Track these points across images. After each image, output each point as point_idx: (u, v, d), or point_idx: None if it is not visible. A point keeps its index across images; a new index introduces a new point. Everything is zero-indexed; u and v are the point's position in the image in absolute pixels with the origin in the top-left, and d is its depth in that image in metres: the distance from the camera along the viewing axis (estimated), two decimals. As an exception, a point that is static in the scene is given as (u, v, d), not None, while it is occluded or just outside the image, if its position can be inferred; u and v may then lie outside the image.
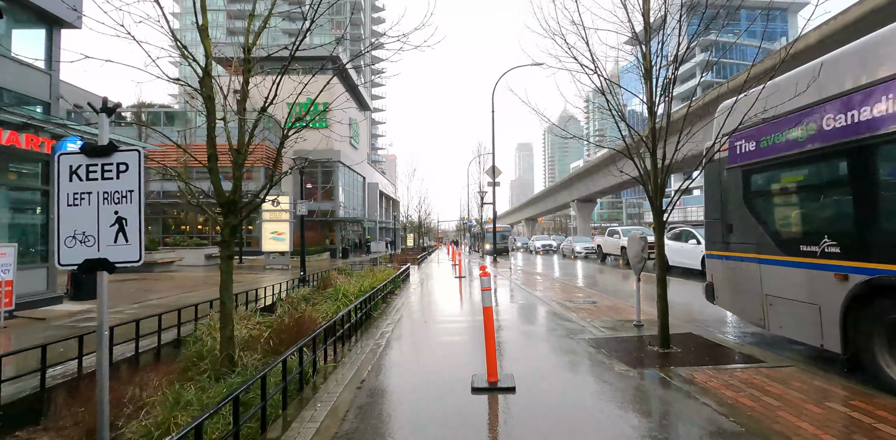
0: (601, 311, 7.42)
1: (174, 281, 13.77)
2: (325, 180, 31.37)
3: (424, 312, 8.19)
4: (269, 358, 5.22)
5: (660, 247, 5.10)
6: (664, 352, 4.85)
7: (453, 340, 5.86)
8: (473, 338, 5.88)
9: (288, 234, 18.75)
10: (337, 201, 30.77)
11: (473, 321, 7.00)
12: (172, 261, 17.21)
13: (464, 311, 8.01)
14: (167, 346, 6.10)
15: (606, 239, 20.57)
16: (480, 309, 7.84)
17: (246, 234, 28.07)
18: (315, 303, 9.25)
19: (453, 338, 5.95)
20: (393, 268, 14.94)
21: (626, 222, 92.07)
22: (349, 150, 35.35)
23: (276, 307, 9.12)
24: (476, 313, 7.62)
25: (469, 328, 6.53)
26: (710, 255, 6.20)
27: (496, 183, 22.64)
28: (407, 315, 7.66)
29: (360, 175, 38.36)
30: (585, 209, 53.02)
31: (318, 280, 12.79)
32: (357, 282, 10.78)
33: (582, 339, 5.52)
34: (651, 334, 5.64)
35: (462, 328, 6.57)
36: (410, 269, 16.56)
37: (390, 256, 21.49)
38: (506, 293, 10.28)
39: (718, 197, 5.92)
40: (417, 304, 8.97)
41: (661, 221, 5.05)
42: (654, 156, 5.05)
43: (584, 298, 8.90)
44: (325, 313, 7.74)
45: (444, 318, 7.38)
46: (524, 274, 15.46)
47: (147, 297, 10.24)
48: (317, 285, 12.09)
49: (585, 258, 24.59)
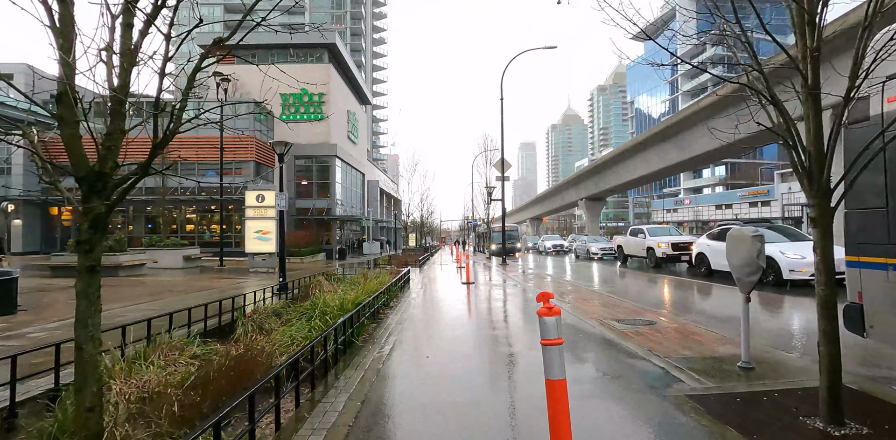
0: (670, 338, 5.39)
1: (136, 288, 11.80)
2: (322, 176, 29.41)
3: (426, 339, 6.16)
4: (179, 433, 3.22)
5: (826, 256, 3.02)
6: (840, 434, 2.82)
7: (472, 398, 3.82)
8: (501, 391, 3.88)
9: (274, 234, 16.76)
10: (333, 198, 28.79)
11: (496, 357, 4.99)
12: (142, 263, 15.24)
13: (481, 338, 5.98)
14: (31, 404, 4.01)
15: (629, 239, 18.52)
16: (505, 336, 5.81)
17: (234, 234, 26.13)
18: (287, 321, 7.25)
19: (472, 393, 3.92)
20: (389, 273, 12.94)
21: (632, 222, 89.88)
22: (347, 144, 33.38)
23: (236, 326, 7.13)
24: (500, 343, 5.61)
25: (492, 372, 4.52)
26: (858, 264, 4.14)
27: (505, 177, 20.61)
28: (402, 343, 5.64)
29: (358, 171, 36.38)
30: (594, 208, 50.95)
31: (301, 287, 10.80)
32: (345, 291, 8.79)
33: (676, 398, 3.48)
34: (785, 388, 3.60)
35: (482, 371, 4.56)
36: (410, 274, 14.57)
37: (389, 258, 19.49)
38: (530, 307, 8.25)
39: (881, 174, 3.87)
40: (417, 325, 6.95)
41: (829, 210, 3.00)
42: (811, 94, 2.99)
43: (632, 315, 6.87)
44: (290, 340, 5.74)
45: (455, 350, 5.35)
46: (541, 279, 13.44)
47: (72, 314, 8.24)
48: (296, 295, 10.09)
49: (601, 260, 22.55)
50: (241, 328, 6.98)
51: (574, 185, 52.30)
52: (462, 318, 7.37)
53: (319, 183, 29.33)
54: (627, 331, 5.76)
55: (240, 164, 25.44)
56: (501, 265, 20.11)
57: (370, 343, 5.64)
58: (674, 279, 12.52)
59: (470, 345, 5.57)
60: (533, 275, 14.83)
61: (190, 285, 12.32)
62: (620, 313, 7.06)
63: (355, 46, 74.64)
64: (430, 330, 6.59)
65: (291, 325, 6.52)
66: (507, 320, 7.24)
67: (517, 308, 8.32)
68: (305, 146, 28.93)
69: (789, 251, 9.88)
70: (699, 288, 10.59)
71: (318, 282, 11.38)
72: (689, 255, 15.61)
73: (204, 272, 16.53)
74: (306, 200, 28.84)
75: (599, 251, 22.99)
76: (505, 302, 9.22)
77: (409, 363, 4.82)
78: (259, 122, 26.51)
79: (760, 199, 52.91)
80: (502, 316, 7.66)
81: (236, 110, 25.97)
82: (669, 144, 30.84)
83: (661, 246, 15.75)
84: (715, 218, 59.31)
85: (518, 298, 9.52)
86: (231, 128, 9.61)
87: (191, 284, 12.53)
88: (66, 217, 26.78)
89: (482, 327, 6.55)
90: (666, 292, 10.22)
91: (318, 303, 7.13)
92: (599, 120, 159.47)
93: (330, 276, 12.45)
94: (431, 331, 6.54)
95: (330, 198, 28.83)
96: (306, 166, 29.48)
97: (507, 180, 20.75)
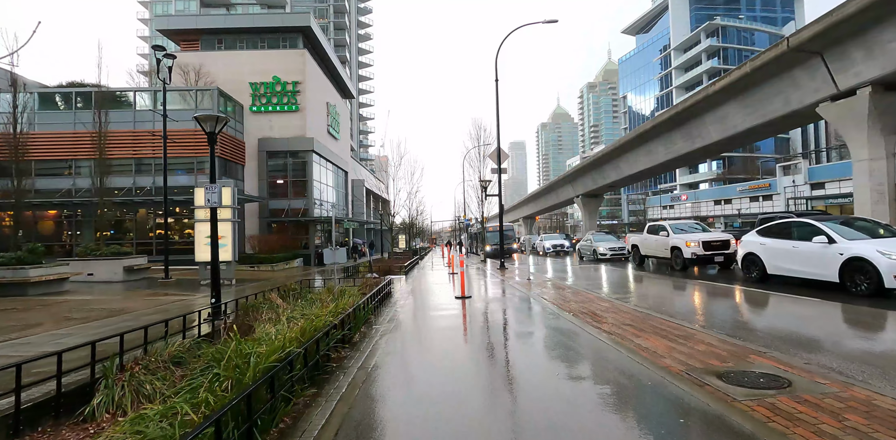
0: (860, 429, 2.81)
1: (24, 314, 9.02)
2: (298, 174, 26.61)
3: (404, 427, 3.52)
4: None
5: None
6: None
7: None
8: None
9: (231, 238, 14.00)
10: (311, 198, 26.00)
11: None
12: (63, 277, 12.38)
13: (499, 425, 3.35)
14: None
15: (647, 237, 16.02)
16: (544, 416, 3.23)
17: (190, 239, 23.21)
18: (187, 377, 4.59)
19: None
20: (363, 287, 10.29)
21: (627, 219, 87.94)
22: (327, 140, 30.60)
23: (96, 388, 4.44)
24: (535, 418, 2.98)
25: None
26: None
27: (503, 169, 18.04)
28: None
29: (341, 169, 33.62)
30: (591, 205, 48.57)
31: (241, 309, 8.10)
32: (293, 318, 6.17)
33: None
34: None
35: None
36: (393, 284, 11.93)
37: (370, 264, 16.81)
38: (560, 341, 5.65)
39: None
40: (390, 391, 4.30)
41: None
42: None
43: (732, 359, 4.28)
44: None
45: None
46: (556, 290, 10.86)
47: None
48: (232, 322, 7.38)
49: (609, 261, 20.06)
50: (100, 395, 4.30)
51: (570, 182, 49.90)
52: (462, 374, 4.65)
53: (295, 181, 26.53)
54: (759, 408, 3.16)
55: (203, 161, 22.55)
56: (499, 269, 17.53)
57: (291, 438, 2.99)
58: (722, 287, 10.01)
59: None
60: (542, 284, 12.26)
61: (106, 308, 9.55)
62: (708, 355, 4.47)
63: (339, 41, 71.72)
64: (409, 406, 3.94)
65: (172, 401, 3.85)
66: (531, 373, 4.63)
67: (540, 343, 5.72)
68: (279, 140, 26.17)
69: (894, 250, 7.39)
70: (772, 301, 8.05)
71: (269, 300, 8.72)
72: (725, 256, 13.16)
73: (144, 287, 13.73)
74: (281, 200, 26.03)
75: (608, 252, 20.49)
76: (519, 333, 6.61)
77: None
78: (225, 114, 23.65)
79: (762, 194, 51.07)
80: (523, 361, 5.03)
81: (198, 101, 23.17)
82: (677, 134, 28.47)
83: (691, 245, 13.27)
84: (714, 214, 57.46)
85: (535, 321, 6.92)
86: (186, 120, 6.97)
87: (108, 306, 9.76)
88: None
89: (497, 395, 3.93)
90: (740, 310, 7.64)
91: (237, 349, 4.44)
92: (590, 118, 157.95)
93: (289, 292, 9.77)
94: (410, 410, 3.89)
95: (307, 197, 26.04)
96: (280, 163, 26.67)
97: (505, 173, 18.17)
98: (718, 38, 68.27)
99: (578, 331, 5.85)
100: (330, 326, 5.01)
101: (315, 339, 4.44)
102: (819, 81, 18.49)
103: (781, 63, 19.24)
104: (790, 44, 18.03)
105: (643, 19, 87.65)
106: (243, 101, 25.74)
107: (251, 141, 25.81)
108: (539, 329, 6.36)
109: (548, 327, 6.36)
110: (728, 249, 13.21)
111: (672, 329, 5.70)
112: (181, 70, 25.30)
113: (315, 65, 28.52)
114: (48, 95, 22.50)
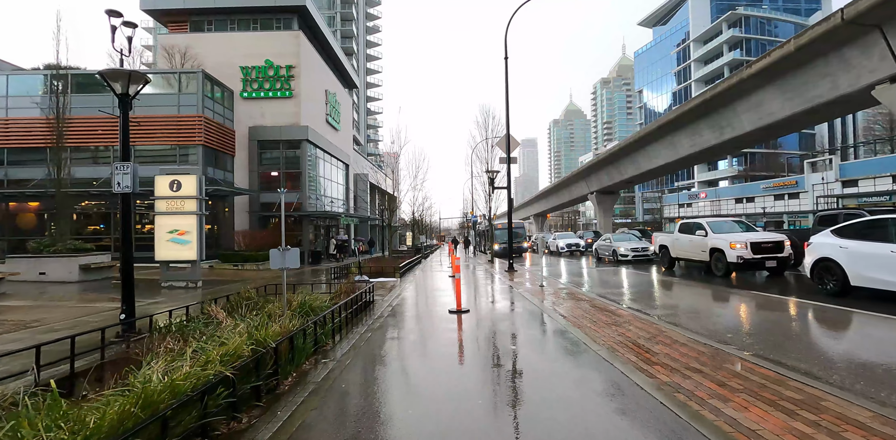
0: None
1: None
2: (291, 165, 24.75)
3: None
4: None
5: None
6: None
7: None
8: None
9: (195, 234, 12.15)
10: (304, 191, 24.12)
11: None
12: None
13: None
14: None
15: (679, 237, 13.84)
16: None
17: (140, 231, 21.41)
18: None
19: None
20: (337, 294, 8.32)
21: (642, 217, 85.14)
22: (326, 130, 28.70)
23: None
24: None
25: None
26: None
27: (512, 159, 15.95)
28: None
29: (341, 162, 31.73)
30: (606, 202, 46.22)
31: (164, 330, 6.16)
32: (201, 350, 4.23)
33: None
34: None
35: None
36: (378, 291, 9.98)
37: (359, 265, 14.86)
38: (583, 404, 3.63)
39: None
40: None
41: None
42: None
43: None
44: None
45: None
46: (571, 299, 8.80)
47: None
48: (147, 342, 5.42)
49: (630, 263, 17.91)
50: None
51: (584, 178, 47.53)
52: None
53: (289, 173, 24.67)
54: None
55: (185, 150, 20.77)
56: (508, 272, 15.49)
57: None
58: (792, 303, 7.87)
59: None
60: (558, 293, 10.20)
61: (16, 319, 7.71)
62: None
63: (346, 33, 69.82)
64: None
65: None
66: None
67: (563, 414, 3.69)
68: (271, 129, 24.32)
69: None
70: (887, 326, 5.92)
71: (210, 314, 6.79)
72: (778, 260, 10.99)
73: (96, 290, 11.94)
74: (273, 194, 24.16)
75: (630, 253, 18.32)
76: (536, 374, 4.59)
77: None
78: (212, 100, 21.84)
79: (787, 192, 48.25)
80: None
81: (181, 85, 21.38)
82: (704, 124, 26.10)
83: (736, 247, 11.10)
84: (736, 212, 54.65)
85: (551, 360, 4.90)
86: (169, 105, 5.29)
87: (21, 318, 7.91)
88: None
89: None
90: (861, 342, 5.54)
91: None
92: (603, 114, 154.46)
93: (240, 302, 7.82)
94: None
95: (301, 190, 24.17)
96: (273, 153, 24.83)
97: (514, 162, 16.08)
98: (741, 28, 65.06)
99: (623, 384, 3.80)
100: (217, 379, 3.03)
101: (185, 400, 2.46)
102: (876, 60, 16.21)
103: (832, 39, 16.89)
104: (845, 15, 15.70)
105: (661, 11, 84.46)
106: (233, 86, 23.91)
107: (241, 129, 23.98)
108: (559, 380, 4.31)
109: (572, 377, 4.31)
110: (782, 252, 11.03)
111: (777, 384, 3.63)
112: (166, 52, 23.55)
113: (311, 48, 26.58)
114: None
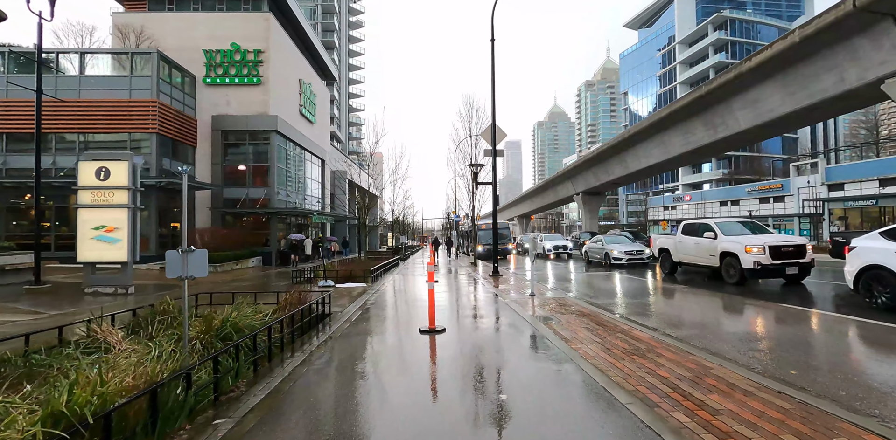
0: None
1: None
2: (259, 158, 22.77)
3: None
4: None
5: None
6: None
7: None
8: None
9: (126, 231, 10.24)
10: (273, 187, 22.18)
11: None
12: None
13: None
14: None
15: (682, 239, 12.43)
16: None
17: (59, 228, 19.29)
18: None
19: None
20: (282, 306, 6.61)
21: (626, 220, 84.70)
22: (299, 122, 26.76)
23: None
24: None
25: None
26: None
27: (498, 152, 14.38)
28: None
29: (316, 156, 29.80)
30: (592, 203, 45.13)
31: (13, 357, 4.37)
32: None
33: None
34: None
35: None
36: (338, 300, 8.30)
37: (324, 269, 13.08)
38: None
39: None
40: None
41: None
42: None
43: None
44: None
45: None
46: (570, 314, 7.24)
47: None
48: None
49: (623, 267, 16.51)
50: None
51: (570, 178, 46.38)
52: None
53: (256, 166, 22.70)
54: None
55: (138, 140, 18.68)
56: (492, 276, 13.92)
57: None
58: (856, 323, 6.44)
59: None
60: (550, 304, 8.64)
61: None
62: None
63: (327, 26, 67.63)
64: None
65: None
66: None
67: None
68: (237, 118, 22.31)
69: None
70: None
71: (93, 334, 5.06)
72: (799, 267, 9.62)
73: (1, 298, 9.95)
74: (238, 189, 22.18)
75: (624, 256, 16.91)
76: None
77: None
78: (170, 85, 19.78)
79: (773, 195, 47.87)
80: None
81: (134, 67, 19.30)
82: (698, 122, 24.99)
83: (753, 251, 9.69)
84: (721, 215, 54.24)
85: (569, 417, 3.30)
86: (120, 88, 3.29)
87: None
88: None
89: None
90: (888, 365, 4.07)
91: None
92: (587, 116, 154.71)
93: (154, 316, 6.03)
94: None
95: (269, 185, 22.23)
96: (239, 144, 22.82)
97: (501, 156, 14.51)
98: (727, 30, 64.97)
99: None
100: None
101: None
102: (886, 52, 15.17)
103: (840, 29, 15.78)
104: (857, 3, 14.58)
105: (647, 12, 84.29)
106: (196, 71, 21.85)
107: (204, 118, 21.92)
108: (576, 418, 2.70)
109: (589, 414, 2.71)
110: (803, 257, 9.67)
111: None
112: (120, 32, 21.38)
113: (283, 33, 24.65)
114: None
